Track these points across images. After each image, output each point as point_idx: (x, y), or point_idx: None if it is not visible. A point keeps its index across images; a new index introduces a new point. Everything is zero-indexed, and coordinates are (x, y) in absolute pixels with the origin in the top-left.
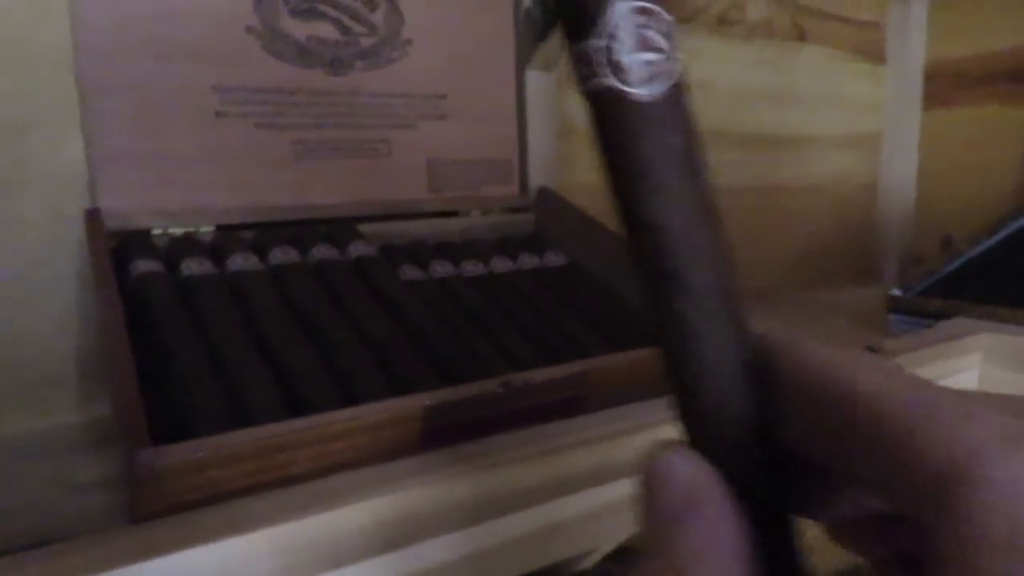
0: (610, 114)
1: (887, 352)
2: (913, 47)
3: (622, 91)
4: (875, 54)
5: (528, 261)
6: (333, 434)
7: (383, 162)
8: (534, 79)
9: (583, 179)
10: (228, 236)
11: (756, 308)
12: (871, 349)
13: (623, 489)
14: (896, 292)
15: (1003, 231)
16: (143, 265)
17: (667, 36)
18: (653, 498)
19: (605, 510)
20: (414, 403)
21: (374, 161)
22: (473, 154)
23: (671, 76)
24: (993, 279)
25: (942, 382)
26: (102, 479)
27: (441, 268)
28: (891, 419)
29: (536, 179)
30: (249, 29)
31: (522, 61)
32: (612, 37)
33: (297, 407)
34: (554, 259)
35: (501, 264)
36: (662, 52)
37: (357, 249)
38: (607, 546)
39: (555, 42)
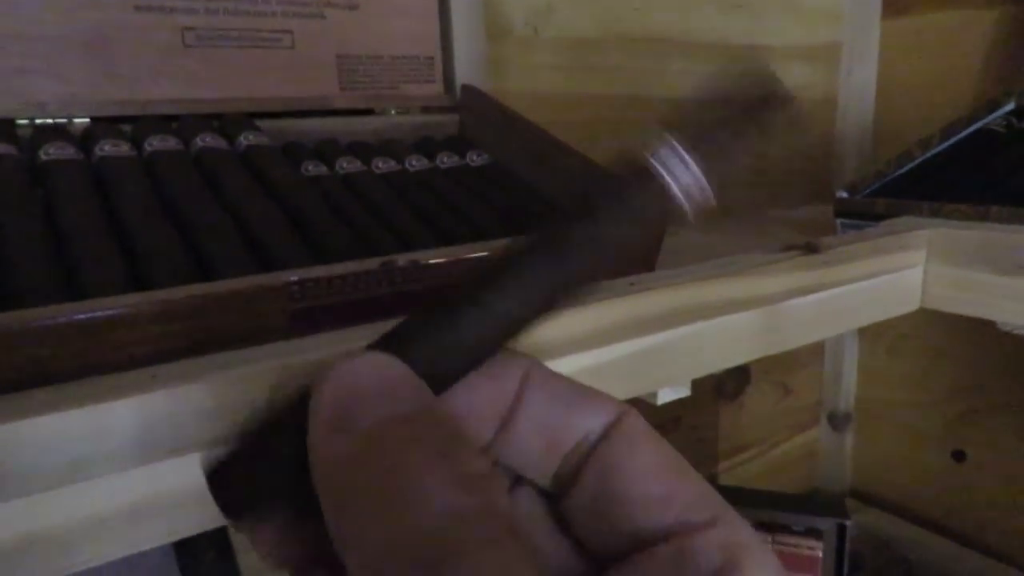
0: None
1: (824, 248)
2: None
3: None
4: None
5: (447, 160)
6: (177, 311)
7: (286, 55)
8: None
9: (516, 86)
10: (102, 126)
11: (706, 224)
12: (808, 245)
13: None
14: (842, 194)
15: (957, 135)
16: None
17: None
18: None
19: None
20: (276, 279)
21: (275, 53)
22: (390, 50)
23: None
24: (943, 180)
25: (885, 278)
26: None
27: (348, 164)
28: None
29: (463, 80)
30: None
31: None
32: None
33: (144, 290)
34: (476, 159)
35: (417, 163)
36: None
37: (248, 139)
38: None
39: None
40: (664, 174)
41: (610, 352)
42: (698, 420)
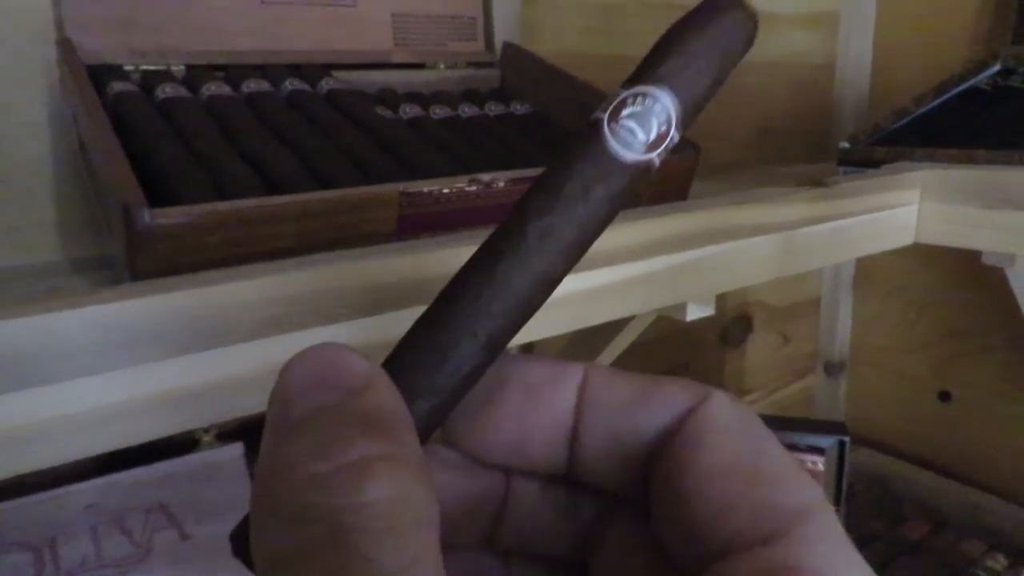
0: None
1: (831, 184)
2: None
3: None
4: None
5: (494, 108)
6: (313, 210)
7: (349, 12)
8: None
9: (547, 47)
10: (198, 71)
11: (710, 178)
12: (817, 182)
13: (587, 281)
14: (844, 144)
15: (948, 92)
16: (119, 86)
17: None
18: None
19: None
20: (389, 189)
21: (339, 11)
22: (438, 9)
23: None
24: (935, 131)
25: (884, 213)
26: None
27: (411, 110)
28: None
29: (501, 40)
30: None
31: None
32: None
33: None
34: (519, 108)
35: (468, 110)
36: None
37: (328, 84)
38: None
39: None
40: (605, 119)
41: (655, 263)
42: (704, 365)
